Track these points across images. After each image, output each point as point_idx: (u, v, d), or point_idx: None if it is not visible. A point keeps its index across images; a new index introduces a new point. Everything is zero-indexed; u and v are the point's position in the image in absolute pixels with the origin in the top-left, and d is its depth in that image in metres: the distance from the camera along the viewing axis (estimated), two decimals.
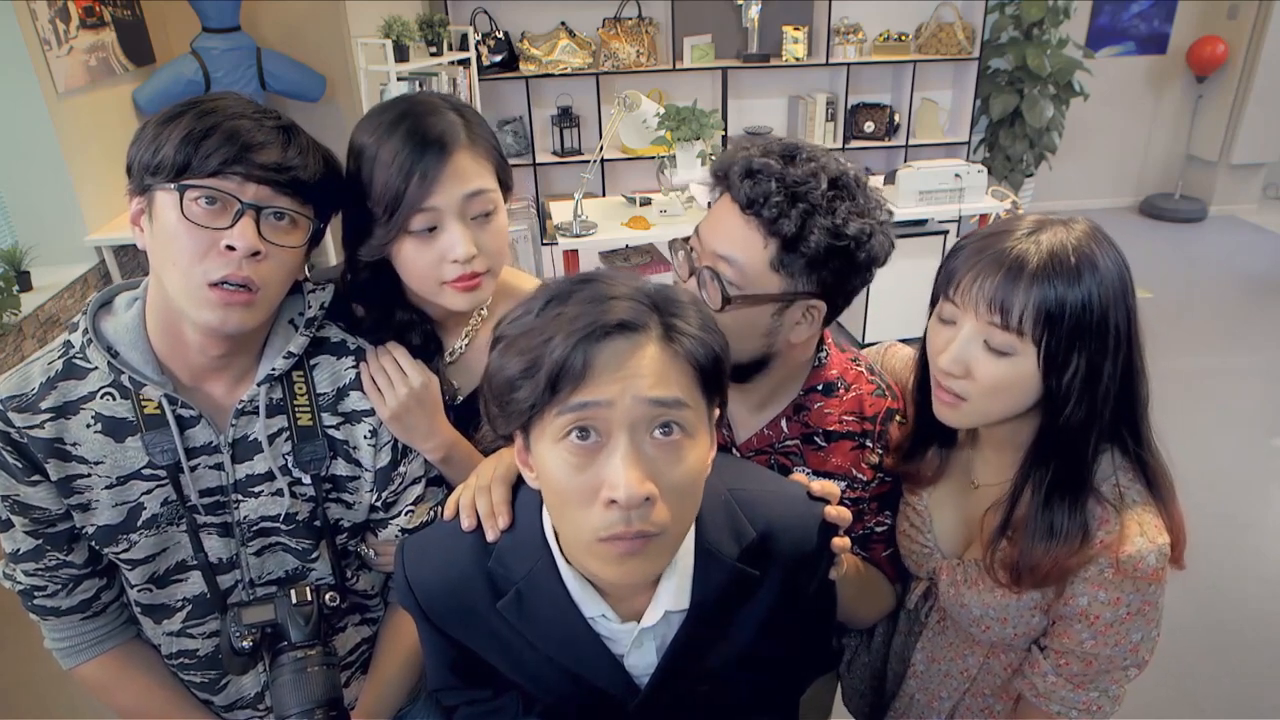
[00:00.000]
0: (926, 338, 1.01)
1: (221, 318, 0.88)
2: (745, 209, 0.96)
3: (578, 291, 0.72)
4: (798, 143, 1.01)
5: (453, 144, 0.99)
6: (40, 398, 0.92)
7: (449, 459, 1.08)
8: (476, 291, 1.04)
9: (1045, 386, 0.91)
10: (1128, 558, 0.90)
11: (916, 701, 1.18)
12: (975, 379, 0.92)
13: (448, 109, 1.02)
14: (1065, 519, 0.93)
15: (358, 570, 1.12)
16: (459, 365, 1.17)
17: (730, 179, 0.98)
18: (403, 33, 3.94)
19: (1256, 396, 3.78)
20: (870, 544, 1.15)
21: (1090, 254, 0.89)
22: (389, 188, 0.98)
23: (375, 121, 1.01)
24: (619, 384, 0.68)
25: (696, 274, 1.01)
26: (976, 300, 0.90)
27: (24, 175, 2.94)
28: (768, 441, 1.12)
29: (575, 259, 3.54)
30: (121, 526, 0.96)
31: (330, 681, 0.90)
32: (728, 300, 0.98)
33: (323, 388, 1.02)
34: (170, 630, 1.04)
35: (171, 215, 0.86)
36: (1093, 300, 0.87)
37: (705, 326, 0.74)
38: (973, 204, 3.83)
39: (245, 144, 0.86)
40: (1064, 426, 0.92)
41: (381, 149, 0.98)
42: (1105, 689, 0.97)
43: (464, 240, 1.00)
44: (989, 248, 0.91)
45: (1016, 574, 0.95)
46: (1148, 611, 0.93)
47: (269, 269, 0.89)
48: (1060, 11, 5.09)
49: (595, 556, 0.74)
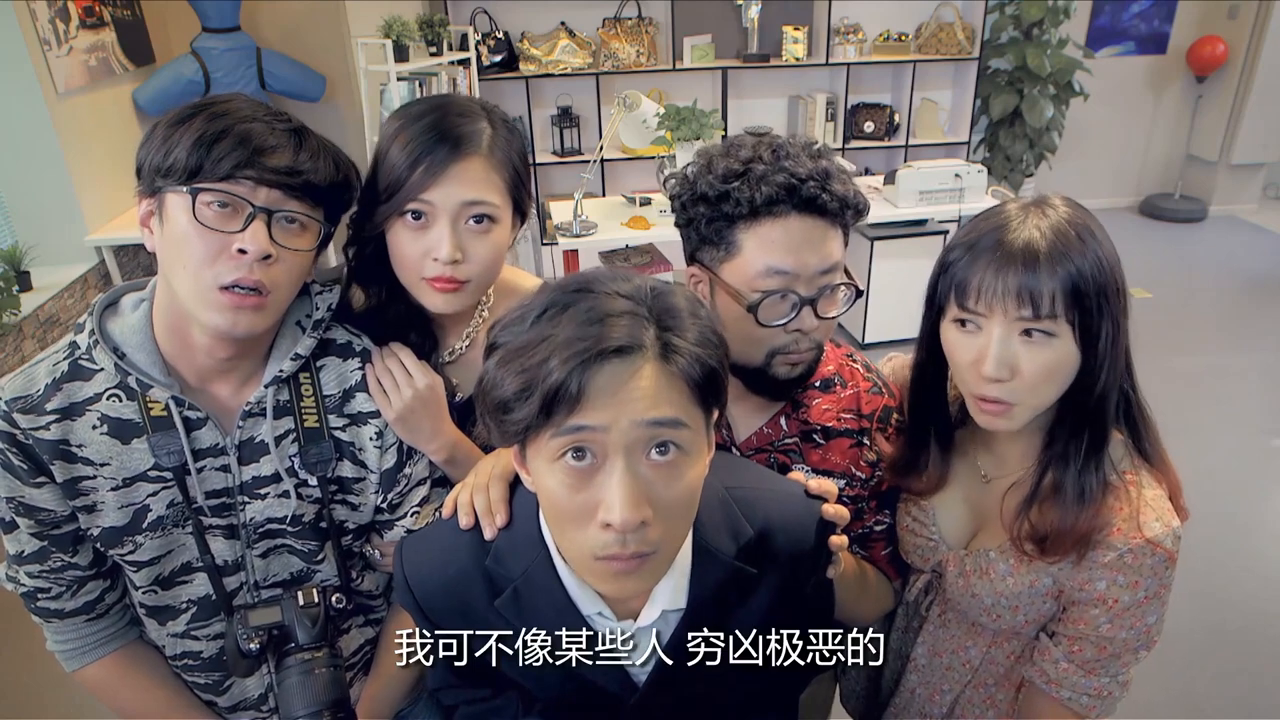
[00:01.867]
0: (946, 348, 0.98)
1: (231, 321, 0.88)
2: (830, 215, 0.98)
3: (575, 303, 0.70)
4: (732, 140, 1.03)
5: (468, 147, 0.99)
6: (46, 399, 0.92)
7: (453, 459, 1.08)
8: (454, 295, 1.03)
9: (1084, 360, 0.92)
10: (1146, 542, 0.91)
11: (918, 695, 1.18)
12: (1022, 375, 0.91)
13: (482, 117, 1.02)
14: (1094, 480, 0.95)
15: (362, 571, 1.13)
16: (460, 364, 1.17)
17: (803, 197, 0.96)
18: (403, 33, 3.94)
19: (1256, 396, 3.78)
20: (869, 543, 1.15)
21: (1083, 222, 0.92)
22: (395, 170, 0.99)
23: (409, 110, 1.02)
24: (615, 408, 0.68)
25: (811, 303, 0.99)
26: (1003, 299, 0.90)
27: (24, 175, 2.94)
28: (767, 440, 1.12)
29: (575, 259, 3.54)
30: (127, 528, 0.96)
31: (337, 683, 0.91)
32: (858, 294, 1.02)
33: (329, 389, 1.02)
34: (175, 632, 1.04)
35: (182, 218, 0.86)
36: (1102, 263, 0.90)
37: (703, 339, 0.72)
38: (973, 204, 3.83)
39: (257, 148, 0.86)
40: (1100, 393, 0.93)
41: (401, 134, 1.00)
42: (1115, 674, 0.98)
43: (449, 242, 0.99)
44: (991, 246, 0.91)
45: (1042, 544, 0.96)
46: (1163, 594, 0.94)
47: (279, 272, 0.89)
48: (1060, 11, 5.09)
49: (592, 573, 0.74)
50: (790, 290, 0.98)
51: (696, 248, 1.05)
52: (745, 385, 1.06)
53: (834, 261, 1.00)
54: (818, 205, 0.97)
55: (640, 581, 0.75)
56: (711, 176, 1.00)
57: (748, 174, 0.98)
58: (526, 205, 1.08)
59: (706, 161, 1.02)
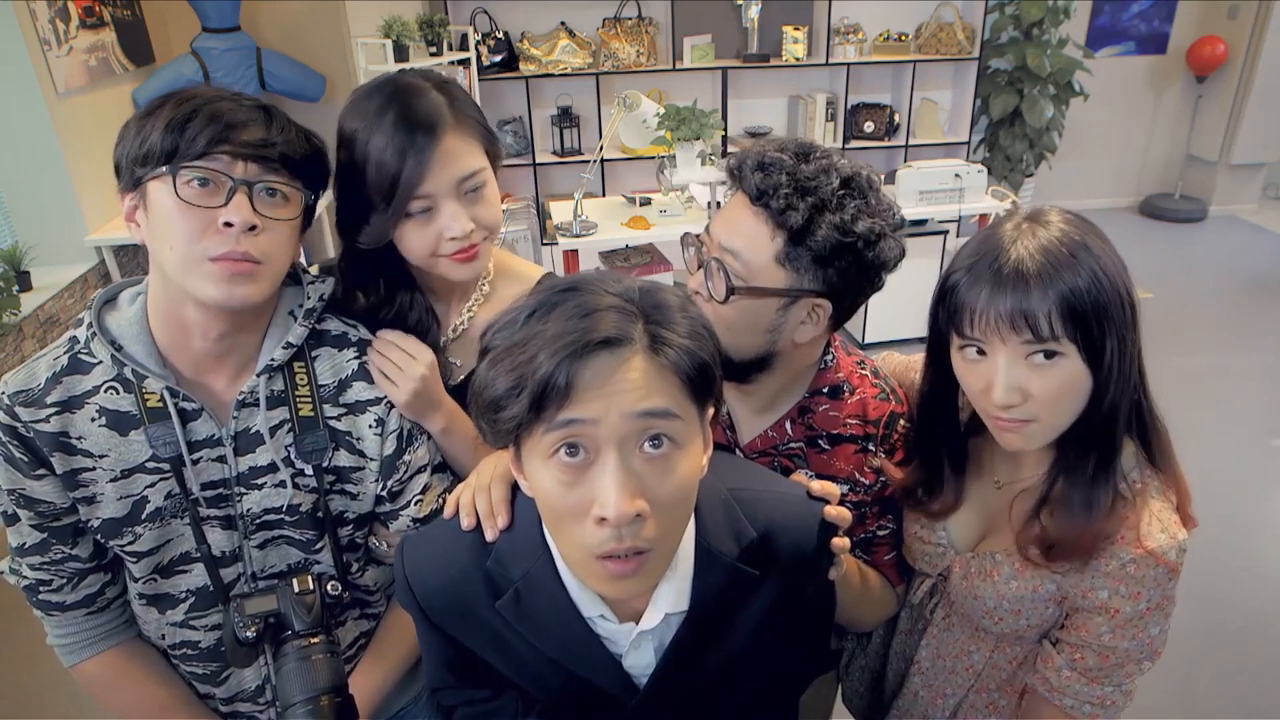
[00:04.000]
0: (958, 376, 0.97)
1: (227, 292, 0.88)
2: (755, 201, 0.97)
3: (563, 302, 0.71)
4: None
5: (440, 126, 1.01)
6: (46, 392, 0.93)
7: (449, 429, 1.09)
8: (475, 261, 1.08)
9: (1093, 375, 0.90)
10: (1149, 553, 0.91)
11: (921, 698, 1.18)
12: (1035, 397, 0.90)
13: (431, 88, 1.04)
14: (1103, 493, 0.94)
15: (365, 565, 1.13)
16: (461, 342, 1.18)
17: (743, 172, 0.99)
18: (403, 33, 3.95)
19: (1256, 396, 3.78)
20: (873, 548, 1.15)
21: (1078, 237, 0.90)
22: (383, 177, 1.00)
23: (362, 108, 1.03)
24: (605, 400, 0.68)
25: (704, 265, 1.02)
26: (998, 326, 0.88)
27: (24, 175, 2.94)
28: (771, 443, 1.12)
29: (575, 259, 3.54)
30: (126, 519, 0.97)
31: (334, 669, 0.91)
32: (732, 291, 0.98)
33: (324, 379, 1.03)
34: (173, 621, 1.05)
35: (166, 200, 0.87)
36: (1099, 278, 0.88)
37: (693, 333, 0.73)
38: (973, 204, 3.84)
39: (229, 123, 0.88)
40: (1109, 408, 0.91)
41: (373, 137, 1.00)
42: (1119, 683, 0.98)
43: (460, 218, 1.03)
44: (984, 271, 0.90)
45: (1049, 550, 0.96)
46: (1166, 606, 0.94)
47: (267, 242, 0.91)
48: (1060, 11, 5.09)
49: (591, 573, 0.74)
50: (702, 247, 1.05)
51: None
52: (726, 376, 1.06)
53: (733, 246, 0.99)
54: (744, 186, 0.99)
55: (639, 583, 0.74)
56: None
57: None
58: (497, 149, 1.11)
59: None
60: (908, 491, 1.10)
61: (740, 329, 1.01)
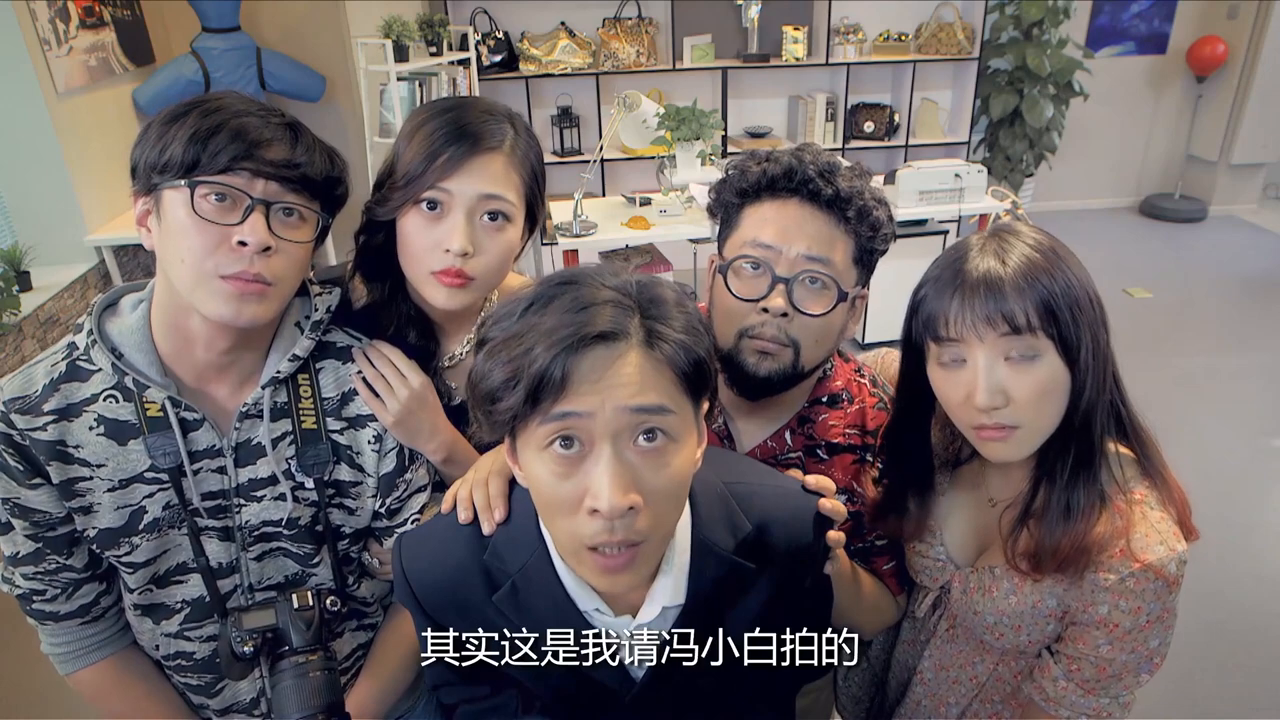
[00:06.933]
0: (936, 390, 0.97)
1: (236, 310, 0.87)
2: (827, 207, 0.99)
3: (560, 295, 0.71)
4: (810, 143, 1.05)
5: (490, 143, 1.00)
6: (43, 400, 0.91)
7: (451, 459, 1.08)
8: (458, 291, 1.02)
9: (1070, 374, 0.91)
10: (1147, 567, 0.90)
11: (923, 708, 1.17)
12: (1016, 399, 0.90)
13: (505, 120, 1.03)
14: (1081, 496, 0.94)
15: (360, 578, 1.12)
16: (459, 369, 1.16)
17: (801, 180, 0.99)
18: (403, 33, 3.94)
19: (1256, 396, 3.78)
20: (872, 557, 1.15)
21: (1048, 245, 0.93)
22: (414, 161, 0.99)
23: (434, 105, 1.03)
24: (599, 394, 0.68)
25: (789, 281, 0.99)
26: (976, 325, 0.90)
27: (24, 175, 2.94)
28: (771, 454, 1.12)
29: (575, 259, 3.53)
30: (123, 530, 0.95)
31: (331, 686, 0.90)
32: (843, 298, 1.01)
33: (328, 392, 1.02)
34: (168, 631, 1.04)
35: (180, 212, 0.86)
36: (1071, 280, 0.91)
37: (689, 328, 0.73)
38: (973, 204, 3.83)
39: (253, 141, 0.86)
40: (1085, 409, 0.92)
41: (425, 126, 1.00)
42: (1116, 695, 0.97)
43: (462, 232, 0.99)
44: (953, 276, 0.92)
45: (1037, 560, 0.95)
46: (1166, 618, 0.93)
47: (280, 263, 0.90)
48: (1060, 11, 5.09)
49: (584, 566, 0.75)
50: (767, 264, 1.00)
51: (719, 232, 1.09)
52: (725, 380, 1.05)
53: (823, 255, 0.99)
54: (812, 191, 0.99)
55: (632, 576, 0.75)
56: (747, 160, 1.05)
57: (768, 158, 1.02)
58: (539, 211, 1.08)
59: (750, 153, 1.07)
60: (875, 511, 1.10)
61: (828, 337, 1.03)
